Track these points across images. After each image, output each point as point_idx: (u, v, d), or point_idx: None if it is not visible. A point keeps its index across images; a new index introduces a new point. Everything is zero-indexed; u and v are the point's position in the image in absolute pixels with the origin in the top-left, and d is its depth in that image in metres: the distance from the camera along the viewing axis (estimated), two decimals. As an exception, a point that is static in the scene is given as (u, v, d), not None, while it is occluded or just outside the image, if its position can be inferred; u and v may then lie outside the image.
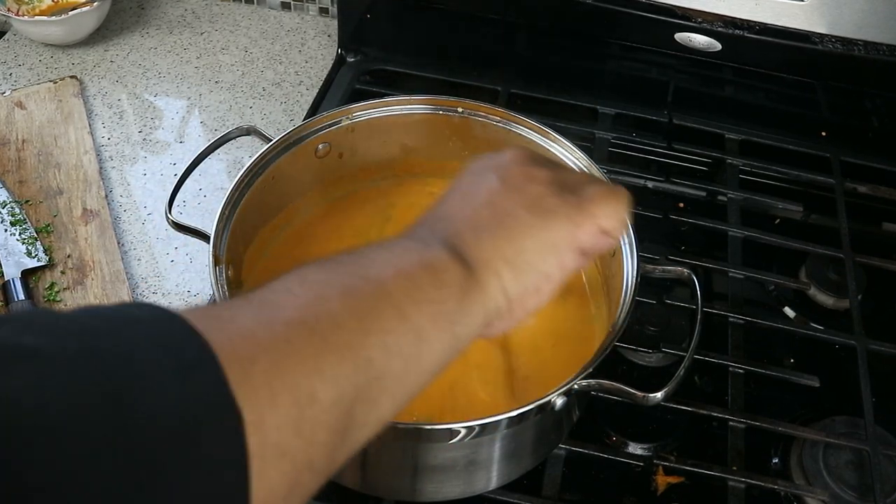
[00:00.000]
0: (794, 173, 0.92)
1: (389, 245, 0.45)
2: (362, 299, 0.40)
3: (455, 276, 0.44)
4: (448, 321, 0.43)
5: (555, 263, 0.49)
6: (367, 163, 0.77)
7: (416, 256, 0.44)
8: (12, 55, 1.08)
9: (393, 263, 0.43)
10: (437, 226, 0.48)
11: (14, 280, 0.80)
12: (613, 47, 0.99)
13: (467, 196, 0.50)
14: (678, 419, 0.72)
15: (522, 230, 0.48)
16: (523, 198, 0.49)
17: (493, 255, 0.47)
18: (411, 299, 0.42)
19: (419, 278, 0.43)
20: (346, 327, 0.38)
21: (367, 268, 0.42)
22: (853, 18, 0.85)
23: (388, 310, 0.41)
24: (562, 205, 0.50)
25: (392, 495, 0.65)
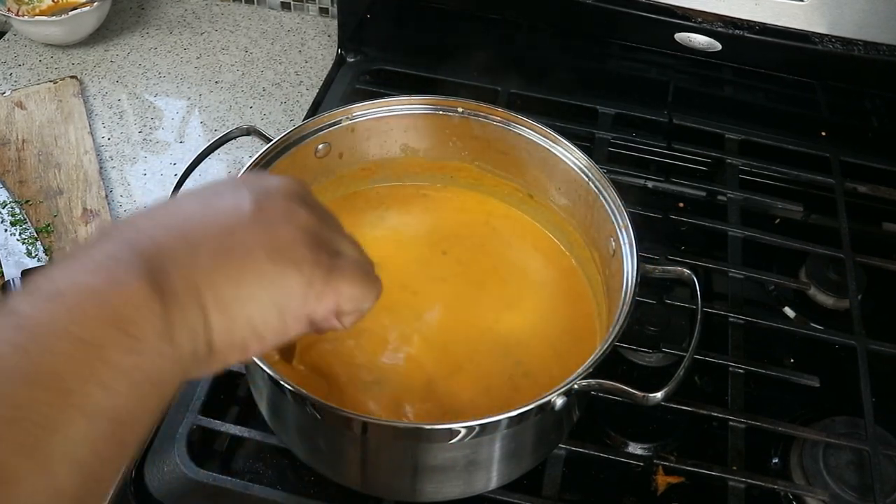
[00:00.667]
0: (794, 173, 0.92)
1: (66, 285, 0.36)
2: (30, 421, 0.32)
3: (153, 320, 0.36)
4: (148, 384, 0.36)
5: (274, 326, 0.41)
6: (367, 163, 0.77)
7: (100, 305, 0.35)
8: (12, 55, 1.08)
9: (69, 332, 0.34)
10: (146, 236, 0.39)
11: (14, 280, 0.80)
12: (613, 47, 0.99)
13: (207, 207, 0.42)
14: (678, 419, 0.72)
15: (252, 275, 0.40)
16: (270, 235, 0.41)
17: (204, 291, 0.38)
18: (99, 384, 0.34)
19: (106, 343, 0.34)
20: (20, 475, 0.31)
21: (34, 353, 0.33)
22: (853, 18, 0.85)
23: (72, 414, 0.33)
24: (309, 261, 0.42)
25: (392, 495, 0.65)
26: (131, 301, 0.36)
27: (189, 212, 0.41)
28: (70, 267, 0.37)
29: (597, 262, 0.71)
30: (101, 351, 0.34)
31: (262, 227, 0.41)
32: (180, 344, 0.37)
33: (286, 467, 0.68)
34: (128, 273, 0.36)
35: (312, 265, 0.42)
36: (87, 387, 0.33)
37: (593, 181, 0.70)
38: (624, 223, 0.66)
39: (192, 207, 0.42)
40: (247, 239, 0.41)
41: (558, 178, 0.73)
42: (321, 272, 0.43)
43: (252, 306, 0.40)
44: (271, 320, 0.41)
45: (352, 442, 0.60)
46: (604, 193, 0.69)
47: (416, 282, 0.73)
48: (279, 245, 0.41)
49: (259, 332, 0.41)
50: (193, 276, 0.38)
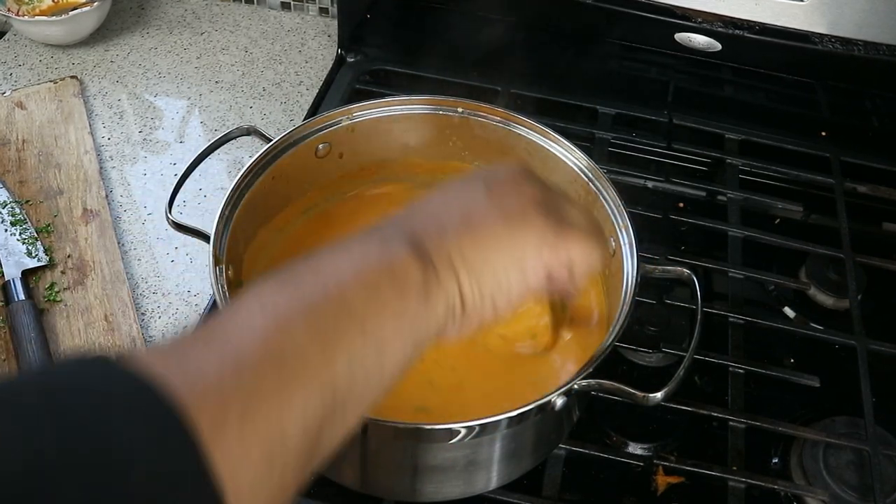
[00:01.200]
0: (794, 173, 0.92)
1: (350, 246, 0.45)
2: (324, 320, 0.39)
3: (416, 276, 0.44)
4: (409, 326, 0.43)
5: (517, 279, 0.48)
6: (367, 163, 0.77)
7: (376, 258, 0.44)
8: (12, 55, 1.08)
9: (353, 270, 0.42)
10: (405, 221, 0.47)
11: (14, 280, 0.80)
12: (613, 47, 0.99)
13: (447, 198, 0.50)
14: (678, 419, 0.72)
15: (491, 238, 0.47)
16: (502, 208, 0.48)
17: (454, 256, 0.46)
18: (373, 309, 0.41)
19: (380, 284, 0.42)
20: (311, 358, 0.38)
21: (327, 280, 0.41)
22: (853, 18, 0.85)
23: (352, 328, 0.40)
24: (540, 221, 0.48)
25: (392, 495, 0.65)
26: (398, 259, 0.44)
27: (436, 204, 0.49)
28: (355, 239, 0.45)
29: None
30: (378, 291, 0.42)
31: (494, 203, 0.49)
32: (435, 302, 0.45)
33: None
34: (395, 246, 0.44)
35: (543, 224, 0.49)
36: (367, 313, 0.41)
37: (593, 181, 0.70)
38: (624, 223, 0.66)
39: (438, 201, 0.50)
40: (483, 213, 0.48)
41: (558, 178, 0.73)
42: (551, 229, 0.49)
43: (495, 264, 0.47)
44: (513, 274, 0.48)
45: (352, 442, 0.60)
46: (604, 193, 0.69)
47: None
48: (511, 212, 0.48)
49: (503, 286, 0.47)
50: (445, 249, 0.46)
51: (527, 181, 0.51)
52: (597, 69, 1.02)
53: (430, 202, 0.50)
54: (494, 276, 0.47)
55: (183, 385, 0.32)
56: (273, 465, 0.35)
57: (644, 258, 0.65)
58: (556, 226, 0.49)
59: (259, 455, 0.34)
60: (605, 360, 0.57)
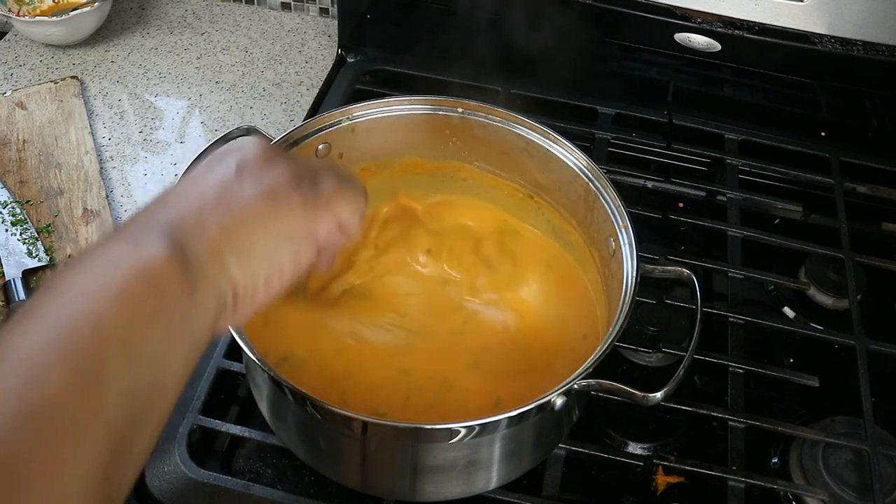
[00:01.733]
0: (794, 173, 0.92)
1: (98, 257, 0.41)
2: (81, 358, 0.36)
3: (175, 277, 0.41)
4: (179, 335, 0.41)
5: (288, 256, 0.47)
6: (367, 163, 0.77)
7: (128, 267, 0.40)
8: (13, 55, 1.08)
9: (103, 288, 0.39)
10: (159, 214, 0.44)
11: (15, 280, 0.80)
12: (613, 47, 1.00)
13: (198, 183, 0.47)
14: (678, 419, 0.72)
15: (255, 219, 0.46)
16: (258, 186, 0.47)
17: (220, 243, 0.44)
18: (134, 330, 0.38)
19: (136, 298, 0.39)
20: (76, 406, 0.35)
21: (74, 308, 0.38)
22: (852, 19, 0.85)
23: (115, 357, 0.37)
24: (298, 194, 0.48)
25: (392, 495, 0.65)
26: (155, 263, 0.40)
27: (188, 189, 0.47)
28: (104, 248, 0.42)
29: (596, 262, 0.72)
30: (135, 304, 0.39)
31: (249, 182, 0.47)
32: (204, 297, 0.42)
33: (286, 467, 0.68)
34: (148, 247, 0.41)
35: (300, 194, 0.48)
36: (129, 335, 0.38)
37: (593, 181, 0.70)
38: (624, 223, 0.66)
39: (190, 185, 0.47)
40: (240, 193, 0.46)
41: (558, 178, 0.73)
42: (311, 198, 0.49)
43: (263, 244, 0.46)
44: (283, 251, 0.47)
45: (352, 442, 0.60)
46: (603, 193, 0.69)
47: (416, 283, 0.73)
48: (268, 189, 0.47)
49: (276, 265, 0.47)
50: (206, 235, 0.43)
51: (275, 156, 0.50)
52: (597, 69, 1.02)
53: (181, 189, 0.47)
54: (265, 257, 0.46)
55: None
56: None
57: (644, 258, 0.65)
58: (314, 194, 0.49)
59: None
60: (605, 360, 0.57)
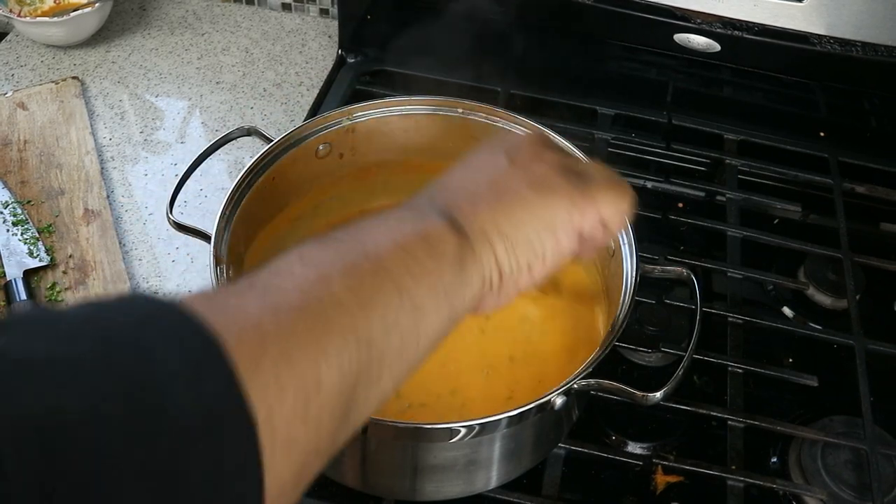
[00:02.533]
0: (793, 173, 0.92)
1: (387, 216, 0.45)
2: (362, 278, 0.40)
3: (451, 246, 0.45)
4: (444, 293, 0.44)
5: (551, 243, 0.49)
6: (367, 163, 0.78)
7: (412, 227, 0.44)
8: (14, 56, 1.08)
9: (390, 236, 0.43)
10: (437, 195, 0.48)
11: (16, 280, 0.80)
12: (613, 48, 1.00)
13: (472, 170, 0.51)
14: (677, 419, 0.72)
15: (522, 205, 0.48)
16: (528, 176, 0.50)
17: (489, 226, 0.47)
18: (409, 274, 0.42)
19: (416, 250, 0.43)
20: (348, 309, 0.38)
21: (366, 243, 0.42)
22: (851, 19, 0.85)
23: (388, 287, 0.41)
24: (566, 185, 0.50)
25: (392, 495, 0.65)
26: (434, 229, 0.45)
27: (462, 179, 0.50)
28: (390, 212, 0.46)
29: (596, 262, 0.72)
30: (415, 257, 0.43)
31: (521, 172, 0.50)
32: (471, 273, 0.45)
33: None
34: (430, 217, 0.46)
35: (569, 187, 0.50)
36: (403, 276, 0.42)
37: (593, 182, 0.70)
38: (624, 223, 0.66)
39: (463, 175, 0.51)
40: (509, 181, 0.49)
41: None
42: (577, 190, 0.50)
43: (528, 231, 0.48)
44: (546, 239, 0.49)
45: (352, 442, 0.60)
46: (603, 194, 0.69)
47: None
48: (536, 179, 0.50)
49: (538, 252, 0.48)
50: (478, 218, 0.47)
51: (546, 148, 0.53)
52: (597, 70, 1.02)
53: (456, 175, 0.51)
54: (529, 243, 0.48)
55: (223, 322, 0.33)
56: (308, 409, 0.35)
57: (644, 258, 0.66)
58: (581, 187, 0.50)
59: (294, 397, 0.34)
60: (605, 359, 0.58)
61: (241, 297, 0.37)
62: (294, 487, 0.35)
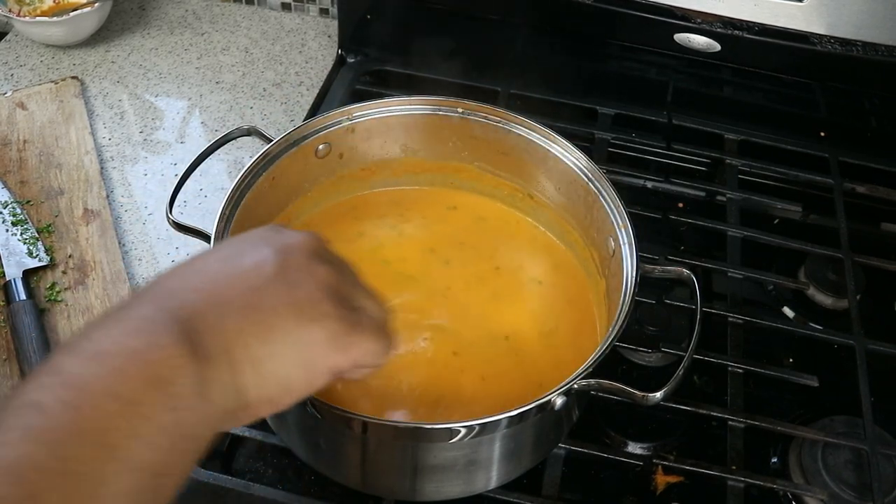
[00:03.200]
0: (793, 173, 0.92)
1: (101, 343, 0.38)
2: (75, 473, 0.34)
3: (188, 378, 0.38)
4: (182, 439, 0.38)
5: (302, 380, 0.44)
6: (367, 163, 0.77)
7: (138, 360, 0.37)
8: (14, 56, 1.08)
9: (108, 383, 0.36)
10: (179, 294, 0.41)
11: (15, 280, 0.80)
12: (613, 48, 1.00)
13: (232, 267, 0.44)
14: (678, 419, 0.72)
15: (279, 331, 0.42)
16: (293, 295, 0.43)
17: (237, 349, 0.41)
18: (139, 437, 0.36)
19: (143, 400, 0.36)
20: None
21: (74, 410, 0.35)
22: (852, 19, 0.85)
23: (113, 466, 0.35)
24: (332, 317, 0.44)
25: (392, 495, 0.65)
26: (169, 362, 0.38)
27: (215, 272, 0.44)
28: (110, 328, 0.39)
29: (596, 262, 0.72)
30: (142, 409, 0.36)
31: (284, 286, 0.43)
32: (214, 401, 0.40)
33: (287, 467, 0.68)
34: (164, 335, 0.38)
35: (335, 321, 0.44)
36: (131, 443, 0.36)
37: (593, 181, 0.70)
38: (623, 223, 0.66)
39: (217, 268, 0.44)
40: (271, 298, 0.43)
41: (558, 178, 0.73)
42: (343, 327, 0.45)
43: (280, 363, 0.42)
44: (299, 375, 0.43)
45: (352, 442, 0.60)
46: (603, 193, 0.69)
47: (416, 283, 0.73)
48: (302, 303, 0.43)
49: (287, 387, 0.43)
50: (224, 336, 0.40)
51: (320, 261, 0.46)
52: (597, 70, 1.02)
53: (209, 268, 0.44)
54: (278, 376, 0.42)
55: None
56: None
57: (644, 258, 0.66)
58: (347, 321, 0.45)
59: None
60: (605, 359, 0.58)
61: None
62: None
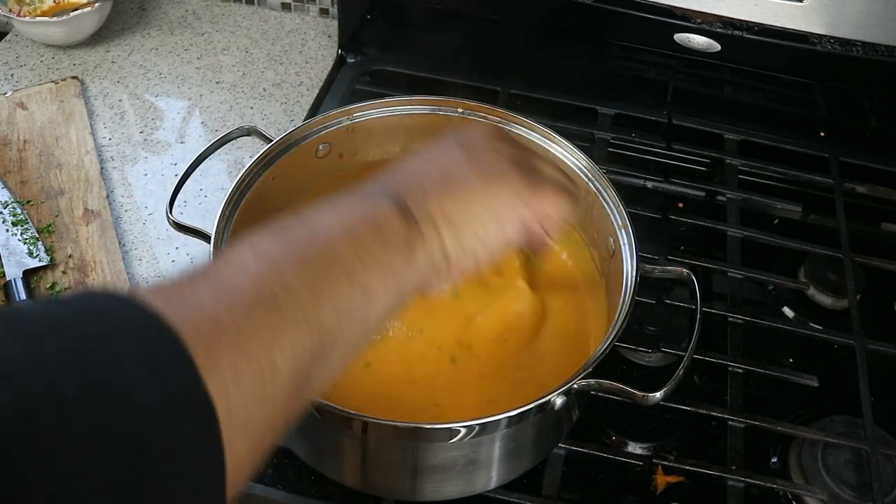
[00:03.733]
0: (793, 173, 0.92)
1: (338, 202, 0.47)
2: (314, 267, 0.42)
3: (399, 231, 0.46)
4: (393, 277, 0.46)
5: (495, 232, 0.51)
6: (367, 163, 0.77)
7: (362, 213, 0.46)
8: (14, 56, 1.08)
9: (340, 223, 0.45)
10: (389, 181, 0.50)
11: (16, 280, 0.80)
12: (613, 48, 1.00)
13: (426, 159, 0.53)
14: (678, 419, 0.72)
15: (470, 194, 0.50)
16: (479, 165, 0.52)
17: (436, 212, 0.48)
18: (359, 260, 0.44)
19: (366, 237, 0.45)
20: (300, 298, 0.40)
21: (316, 231, 0.44)
22: (851, 19, 0.85)
23: (339, 274, 0.43)
24: (514, 177, 0.52)
25: (392, 495, 0.65)
26: (383, 215, 0.47)
27: (417, 165, 0.52)
28: (341, 198, 0.48)
29: (596, 262, 0.72)
30: (364, 243, 0.45)
31: (471, 162, 0.52)
32: (418, 255, 0.47)
33: (287, 467, 0.68)
34: (380, 202, 0.47)
35: (517, 179, 0.52)
36: (353, 263, 0.44)
37: (593, 181, 0.70)
38: (623, 223, 0.66)
39: (419, 163, 0.52)
40: (461, 171, 0.51)
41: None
42: (525, 184, 0.52)
43: (474, 218, 0.50)
44: (491, 227, 0.51)
45: (352, 442, 0.60)
46: (603, 193, 0.69)
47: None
48: (487, 170, 0.52)
49: (483, 239, 0.50)
50: (426, 204, 0.48)
51: (501, 140, 0.54)
52: (597, 69, 1.02)
53: (412, 164, 0.52)
54: (474, 229, 0.50)
55: (181, 316, 0.35)
56: (264, 392, 0.37)
57: (644, 258, 0.66)
58: (529, 181, 0.52)
59: (251, 382, 0.36)
60: (605, 359, 0.58)
61: (196, 290, 0.38)
62: (251, 462, 0.38)
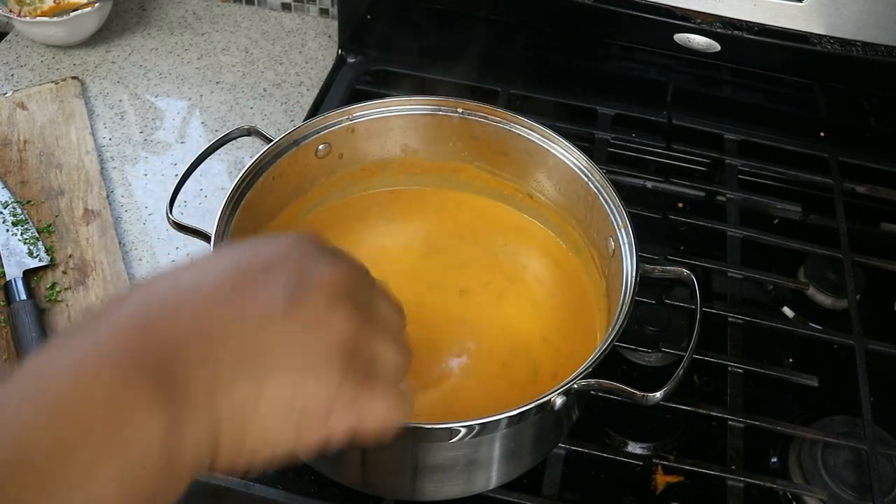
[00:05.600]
0: (793, 173, 0.92)
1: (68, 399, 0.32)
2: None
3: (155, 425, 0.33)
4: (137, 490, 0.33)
5: (287, 440, 0.38)
6: (367, 163, 0.78)
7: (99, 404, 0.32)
8: (14, 56, 1.08)
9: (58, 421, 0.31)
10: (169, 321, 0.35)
11: (16, 280, 0.80)
12: (613, 48, 1.00)
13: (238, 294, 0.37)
14: (677, 419, 0.72)
15: (275, 389, 0.36)
16: (302, 346, 0.37)
17: (221, 400, 0.35)
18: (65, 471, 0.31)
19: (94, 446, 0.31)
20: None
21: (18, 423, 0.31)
22: (851, 19, 0.85)
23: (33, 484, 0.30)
24: (340, 374, 0.38)
25: (392, 495, 0.65)
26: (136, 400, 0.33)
27: (216, 289, 0.37)
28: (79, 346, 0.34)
29: (596, 262, 0.72)
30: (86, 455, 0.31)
31: (295, 332, 0.37)
32: (184, 451, 0.34)
33: (287, 467, 0.68)
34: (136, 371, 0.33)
35: (342, 378, 0.38)
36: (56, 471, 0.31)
37: (593, 181, 0.70)
38: (623, 223, 0.66)
39: (221, 283, 0.37)
40: (276, 344, 0.37)
41: (558, 178, 0.73)
42: (350, 384, 0.39)
43: (270, 420, 0.37)
44: (287, 432, 0.37)
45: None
46: (603, 193, 0.69)
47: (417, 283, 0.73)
48: (310, 357, 0.37)
49: (271, 444, 0.37)
50: (210, 381, 0.35)
51: (343, 301, 0.39)
52: (596, 70, 1.02)
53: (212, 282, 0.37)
54: (263, 432, 0.37)
55: None
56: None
57: (643, 258, 0.66)
58: (357, 380, 0.39)
59: None
60: (605, 359, 0.58)
61: None
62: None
